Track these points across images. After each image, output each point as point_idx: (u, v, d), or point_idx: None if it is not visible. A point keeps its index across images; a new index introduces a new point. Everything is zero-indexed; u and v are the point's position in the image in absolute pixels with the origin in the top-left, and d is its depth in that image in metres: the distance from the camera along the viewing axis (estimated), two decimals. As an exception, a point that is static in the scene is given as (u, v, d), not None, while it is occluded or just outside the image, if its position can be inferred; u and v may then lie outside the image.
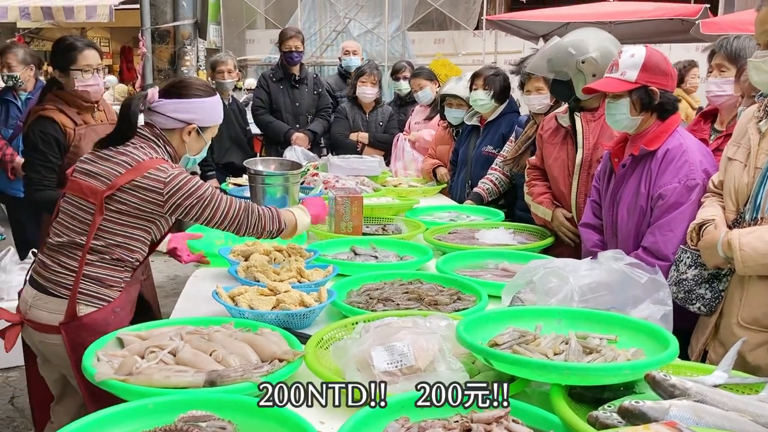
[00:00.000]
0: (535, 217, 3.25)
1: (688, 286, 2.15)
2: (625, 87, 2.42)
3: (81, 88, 2.99)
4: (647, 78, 2.40)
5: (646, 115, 2.46)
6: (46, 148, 2.93)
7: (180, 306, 2.22)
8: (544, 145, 3.22)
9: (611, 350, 1.55)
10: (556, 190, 3.18)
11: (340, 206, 3.01)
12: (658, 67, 2.41)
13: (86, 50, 3.00)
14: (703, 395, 1.34)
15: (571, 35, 3.00)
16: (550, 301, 1.85)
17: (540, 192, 3.23)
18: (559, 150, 3.12)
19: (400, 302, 2.10)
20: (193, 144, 2.31)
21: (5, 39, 13.04)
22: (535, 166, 3.32)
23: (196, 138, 2.30)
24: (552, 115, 3.24)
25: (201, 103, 2.26)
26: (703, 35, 7.36)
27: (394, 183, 4.47)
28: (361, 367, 1.53)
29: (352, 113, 5.34)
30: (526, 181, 3.34)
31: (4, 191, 4.88)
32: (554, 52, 2.96)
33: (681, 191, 2.34)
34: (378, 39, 12.38)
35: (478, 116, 4.22)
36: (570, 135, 3.08)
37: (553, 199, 3.18)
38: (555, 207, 3.14)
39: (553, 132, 3.18)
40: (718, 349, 2.09)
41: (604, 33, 3.00)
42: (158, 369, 1.55)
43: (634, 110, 2.45)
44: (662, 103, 2.43)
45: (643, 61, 2.40)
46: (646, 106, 2.44)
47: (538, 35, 9.81)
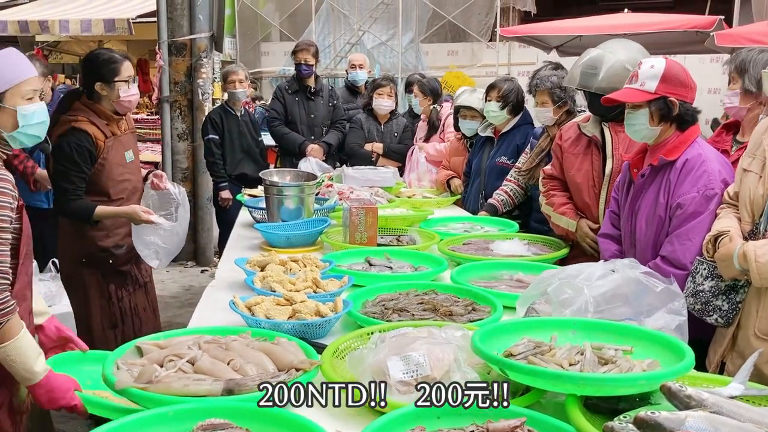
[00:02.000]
0: (556, 227, 3.20)
1: (705, 297, 2.15)
2: (644, 97, 2.43)
3: (125, 98, 3.07)
4: (666, 89, 2.41)
5: (665, 126, 2.47)
6: (80, 160, 3.00)
7: (197, 315, 2.24)
8: (564, 155, 3.19)
9: (626, 361, 1.55)
10: (579, 200, 3.14)
11: (354, 217, 3.03)
12: (678, 79, 2.43)
13: (126, 62, 3.09)
14: (719, 406, 1.33)
15: (602, 47, 3.00)
16: (564, 311, 1.85)
17: (562, 202, 3.18)
18: (582, 160, 3.10)
19: (415, 313, 2.11)
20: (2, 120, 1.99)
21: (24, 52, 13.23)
22: (551, 176, 3.28)
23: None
24: (571, 125, 3.22)
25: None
26: (718, 47, 7.34)
27: (408, 194, 4.49)
28: (377, 377, 1.54)
29: (367, 124, 5.38)
30: (543, 192, 3.30)
31: (26, 203, 4.94)
32: (588, 66, 2.96)
33: (700, 201, 2.35)
34: (392, 51, 12.45)
35: (492, 127, 4.24)
36: (594, 145, 3.06)
37: (575, 209, 3.15)
38: (579, 218, 3.10)
39: (573, 142, 3.15)
40: (736, 360, 2.09)
41: (634, 44, 3.01)
42: (177, 377, 1.57)
43: (653, 121, 2.45)
44: (681, 114, 2.44)
45: (662, 73, 2.41)
46: (664, 116, 2.45)
47: (551, 47, 9.81)
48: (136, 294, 3.32)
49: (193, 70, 6.40)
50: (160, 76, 6.37)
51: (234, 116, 5.36)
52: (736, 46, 6.56)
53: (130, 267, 3.28)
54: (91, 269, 3.17)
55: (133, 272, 3.30)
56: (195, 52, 6.38)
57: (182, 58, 6.40)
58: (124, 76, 3.06)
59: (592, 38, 8.88)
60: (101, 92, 3.06)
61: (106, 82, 3.04)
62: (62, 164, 3.01)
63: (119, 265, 3.22)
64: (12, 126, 2.02)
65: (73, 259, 3.20)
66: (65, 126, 3.01)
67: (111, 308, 3.22)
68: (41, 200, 4.89)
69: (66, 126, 3.00)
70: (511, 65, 11.96)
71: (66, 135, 2.99)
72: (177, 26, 6.33)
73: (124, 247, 3.20)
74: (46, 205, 4.91)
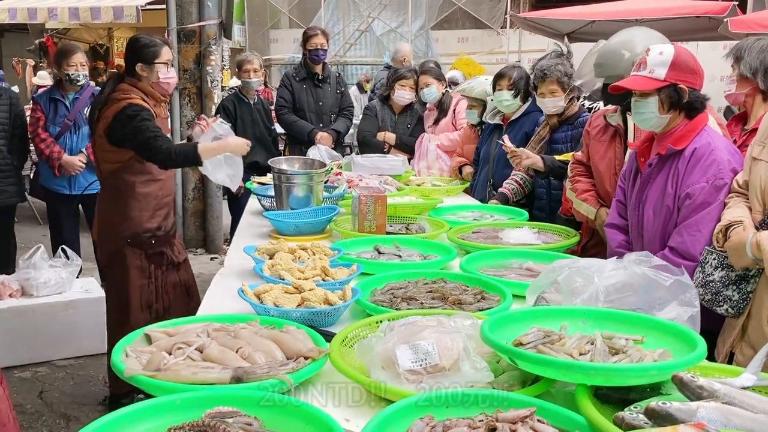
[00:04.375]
0: (577, 213, 3.20)
1: (715, 287, 2.13)
2: (653, 85, 2.40)
3: (164, 79, 3.26)
4: (676, 76, 2.37)
5: (674, 114, 2.44)
6: (148, 117, 3.13)
7: (206, 303, 2.24)
8: (591, 142, 3.18)
9: (637, 351, 1.54)
10: (601, 188, 3.12)
11: (363, 205, 3.01)
12: (687, 65, 2.39)
13: (165, 47, 3.29)
14: (731, 397, 1.32)
15: (617, 36, 2.97)
16: (575, 301, 1.84)
17: (584, 189, 3.17)
18: (606, 148, 3.09)
19: (424, 301, 2.10)
20: None
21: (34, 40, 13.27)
22: (580, 162, 3.26)
23: None
24: (600, 113, 3.21)
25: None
26: (732, 33, 7.25)
27: (418, 182, 4.47)
28: (386, 366, 1.54)
29: (382, 113, 5.32)
30: (570, 177, 3.28)
31: (48, 187, 5.03)
32: (604, 56, 2.93)
33: (709, 191, 2.32)
34: (401, 38, 12.38)
35: (501, 115, 4.21)
36: (619, 134, 3.04)
37: (597, 197, 3.13)
38: (600, 206, 3.08)
39: (601, 130, 3.14)
40: (746, 350, 2.07)
41: (652, 31, 2.98)
42: (185, 365, 1.57)
43: (663, 109, 2.42)
44: (690, 102, 2.41)
45: (672, 59, 2.37)
46: (674, 104, 2.41)
47: (563, 33, 9.72)
48: (170, 273, 3.42)
49: (202, 57, 6.39)
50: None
51: (247, 104, 5.37)
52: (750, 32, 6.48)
53: (168, 247, 3.40)
54: (135, 250, 3.27)
55: (169, 253, 3.41)
56: (204, 40, 6.37)
57: (191, 45, 6.38)
58: (164, 59, 3.26)
59: (603, 24, 8.81)
60: (141, 73, 3.24)
61: (147, 64, 3.23)
62: (136, 126, 3.10)
63: (159, 246, 3.33)
64: None
65: (116, 240, 3.29)
66: (120, 103, 3.13)
67: (149, 287, 3.34)
68: (63, 186, 4.97)
69: (121, 103, 3.13)
70: (522, 52, 11.89)
71: (124, 109, 3.11)
72: (186, 13, 6.32)
73: (163, 228, 3.34)
74: (67, 190, 4.99)
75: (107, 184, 3.31)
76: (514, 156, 3.66)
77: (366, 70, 12.03)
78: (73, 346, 4.27)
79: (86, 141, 4.95)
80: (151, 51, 3.23)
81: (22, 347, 4.13)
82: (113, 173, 3.24)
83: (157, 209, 3.32)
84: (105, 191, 3.36)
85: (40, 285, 4.19)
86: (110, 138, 3.16)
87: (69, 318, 4.21)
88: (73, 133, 4.95)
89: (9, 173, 4.89)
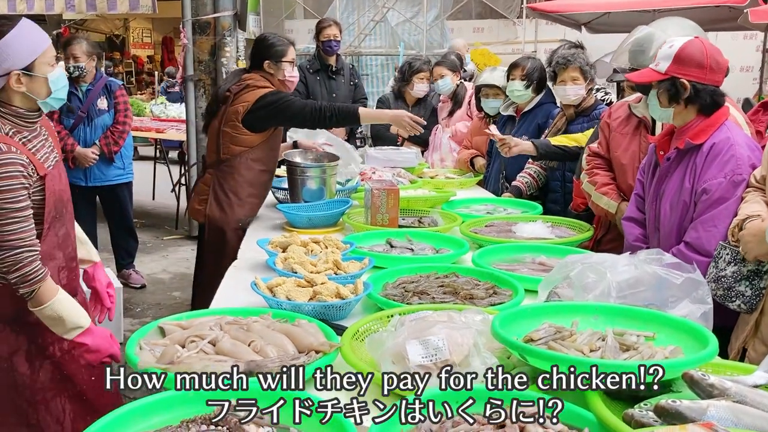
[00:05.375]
0: (595, 207, 3.12)
1: (728, 283, 2.11)
2: (652, 77, 2.38)
3: (289, 78, 3.41)
4: (677, 70, 2.34)
5: (678, 108, 2.40)
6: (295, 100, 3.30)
7: (219, 296, 2.26)
8: (612, 134, 3.09)
9: (648, 348, 1.54)
10: (623, 182, 3.04)
11: (376, 198, 3.02)
12: (692, 60, 2.33)
13: (291, 47, 3.44)
14: (742, 396, 1.31)
15: (653, 25, 2.92)
16: (587, 296, 1.83)
17: (604, 182, 3.08)
18: (630, 141, 3.01)
19: (436, 296, 2.11)
20: (35, 89, 2.07)
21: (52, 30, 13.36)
22: (597, 154, 3.17)
23: (30, 81, 2.05)
24: (622, 104, 3.14)
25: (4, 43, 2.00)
26: (752, 24, 7.15)
27: (431, 175, 4.46)
28: (396, 360, 1.55)
29: (395, 105, 5.30)
30: (587, 169, 3.18)
31: None
32: (635, 44, 2.89)
33: (726, 186, 2.29)
34: (416, 28, 12.31)
35: (514, 106, 4.19)
36: (644, 126, 2.97)
37: (618, 190, 3.07)
38: (621, 200, 3.01)
39: (623, 121, 3.06)
40: (759, 347, 2.06)
41: (687, 21, 2.91)
42: (198, 358, 1.59)
43: (661, 102, 2.40)
44: (692, 97, 2.36)
45: (676, 53, 2.34)
46: (673, 98, 2.38)
47: (580, 23, 9.65)
48: None
49: (217, 48, 6.39)
50: (184, 54, 6.37)
51: None
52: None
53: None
54: (232, 237, 3.35)
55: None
56: (219, 31, 6.37)
57: (206, 36, 6.39)
58: (290, 58, 3.41)
59: (620, 15, 8.73)
60: (269, 70, 3.38)
61: (275, 62, 3.37)
62: (281, 103, 3.24)
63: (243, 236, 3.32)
64: (46, 93, 2.12)
65: (220, 228, 3.38)
66: (260, 90, 3.27)
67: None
68: (80, 178, 5.00)
69: (261, 90, 3.27)
70: (538, 42, 11.79)
71: (265, 95, 3.24)
72: (201, 4, 6.32)
73: (249, 218, 3.42)
74: (83, 182, 5.02)
75: (229, 165, 3.35)
76: (502, 144, 3.64)
77: (380, 60, 12.00)
78: (90, 336, 4.31)
79: (99, 133, 4.97)
80: (279, 50, 3.37)
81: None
82: (238, 156, 3.32)
83: (248, 197, 3.41)
84: (222, 173, 3.37)
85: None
86: (246, 121, 3.27)
87: (86, 308, 4.25)
88: (87, 125, 4.96)
89: None
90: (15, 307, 2.11)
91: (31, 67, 2.05)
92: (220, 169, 3.39)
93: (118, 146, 5.03)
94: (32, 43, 2.05)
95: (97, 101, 4.93)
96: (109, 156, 4.99)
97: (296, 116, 3.30)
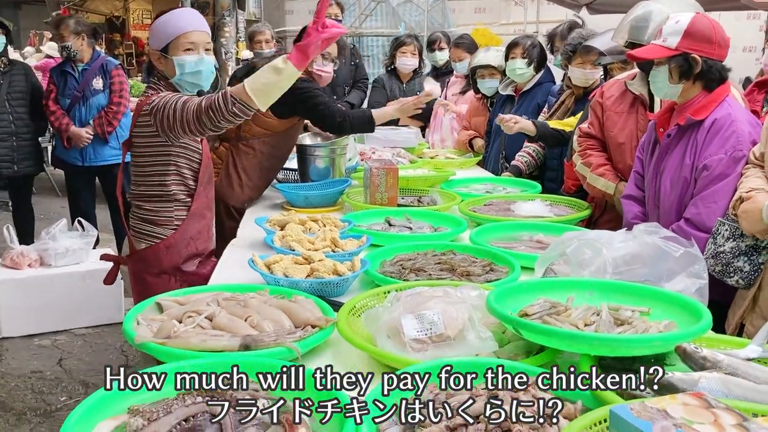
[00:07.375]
0: (591, 188, 3.07)
1: (726, 258, 2.12)
2: (663, 54, 2.36)
3: (317, 70, 3.32)
4: (688, 45, 2.32)
5: (687, 84, 2.39)
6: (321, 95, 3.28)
7: (217, 273, 2.27)
8: (606, 113, 3.03)
9: (643, 322, 1.54)
10: (621, 161, 2.99)
11: (375, 177, 3.02)
12: (702, 34, 2.33)
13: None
14: (734, 368, 1.32)
15: (653, 3, 2.89)
16: (583, 273, 1.84)
17: (600, 163, 3.03)
18: (626, 119, 2.96)
19: (433, 272, 2.11)
20: (168, 68, 2.48)
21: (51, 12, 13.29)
22: (588, 135, 3.11)
23: (165, 62, 2.47)
24: (615, 82, 3.08)
25: (152, 29, 2.52)
26: (756, 3, 7.08)
27: (431, 155, 4.46)
28: (392, 335, 1.56)
29: (389, 83, 5.30)
30: (579, 151, 3.12)
31: (65, 159, 5.07)
32: (634, 20, 2.85)
33: (727, 162, 2.29)
34: (417, 9, 12.24)
35: (513, 86, 4.17)
36: (641, 103, 2.92)
37: (614, 170, 3.02)
38: (619, 180, 2.97)
39: (617, 100, 3.01)
40: (756, 322, 2.06)
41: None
42: (195, 333, 1.60)
43: (672, 78, 2.38)
44: (704, 72, 2.36)
45: (686, 28, 2.32)
46: (685, 74, 2.37)
47: (581, 4, 9.55)
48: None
49: (217, 28, 6.37)
50: (184, 35, 6.34)
51: None
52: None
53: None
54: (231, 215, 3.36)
55: None
56: (218, 11, 6.36)
57: (205, 17, 6.33)
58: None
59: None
60: None
61: None
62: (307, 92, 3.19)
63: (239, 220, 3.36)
64: (173, 73, 2.48)
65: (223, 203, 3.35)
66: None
67: None
68: (76, 158, 4.99)
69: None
70: (540, 23, 11.71)
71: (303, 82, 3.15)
72: (200, -16, 6.30)
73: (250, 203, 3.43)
74: (80, 162, 5.01)
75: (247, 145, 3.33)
76: (503, 122, 3.62)
77: (382, 41, 11.94)
78: (92, 315, 4.36)
79: (94, 113, 4.94)
80: None
81: (42, 316, 4.23)
82: (258, 138, 3.31)
83: (265, 187, 3.44)
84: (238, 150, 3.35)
85: (58, 255, 4.27)
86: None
87: (87, 288, 4.28)
88: (82, 104, 4.91)
89: (27, 143, 4.94)
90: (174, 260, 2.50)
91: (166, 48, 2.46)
92: (237, 146, 3.35)
93: (113, 126, 4.93)
94: (172, 28, 2.47)
95: (93, 81, 4.90)
96: (103, 136, 4.92)
97: (317, 109, 3.22)
